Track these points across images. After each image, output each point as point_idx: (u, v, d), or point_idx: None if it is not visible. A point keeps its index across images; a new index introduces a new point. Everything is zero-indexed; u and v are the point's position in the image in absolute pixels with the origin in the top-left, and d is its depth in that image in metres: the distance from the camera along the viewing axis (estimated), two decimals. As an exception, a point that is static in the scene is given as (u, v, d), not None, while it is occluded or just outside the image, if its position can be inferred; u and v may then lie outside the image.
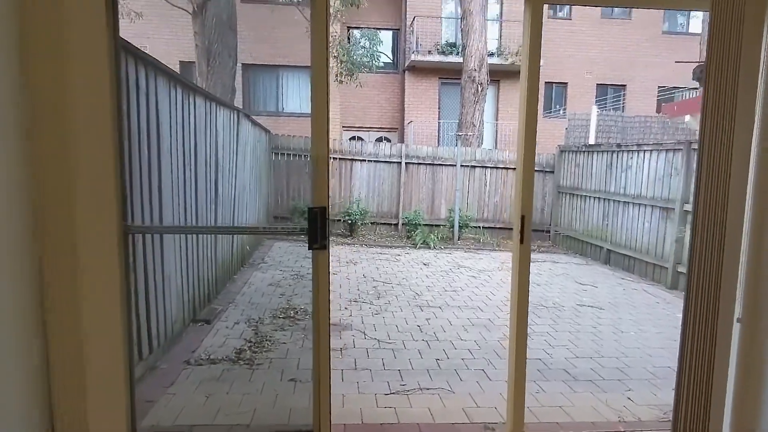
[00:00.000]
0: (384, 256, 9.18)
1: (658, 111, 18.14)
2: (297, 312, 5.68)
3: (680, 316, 5.44)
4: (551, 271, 8.53)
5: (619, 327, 5.61)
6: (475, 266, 8.64)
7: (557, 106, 18.78)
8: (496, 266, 8.72)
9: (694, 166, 7.24)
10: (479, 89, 12.21)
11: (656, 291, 7.44)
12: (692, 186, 7.40)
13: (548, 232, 11.78)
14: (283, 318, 5.48)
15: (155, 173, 3.97)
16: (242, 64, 16.31)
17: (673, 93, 18.78)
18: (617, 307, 6.47)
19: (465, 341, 4.98)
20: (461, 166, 11.03)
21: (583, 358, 4.63)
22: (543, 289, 7.20)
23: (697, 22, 19.07)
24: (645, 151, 8.49)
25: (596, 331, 5.41)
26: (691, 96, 18.16)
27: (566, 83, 18.52)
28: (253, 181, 8.43)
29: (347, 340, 4.84)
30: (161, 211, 4.11)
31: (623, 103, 18.45)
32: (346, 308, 5.91)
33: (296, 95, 16.86)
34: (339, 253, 9.22)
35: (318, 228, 2.58)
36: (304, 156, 11.15)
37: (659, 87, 18.69)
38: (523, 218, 2.75)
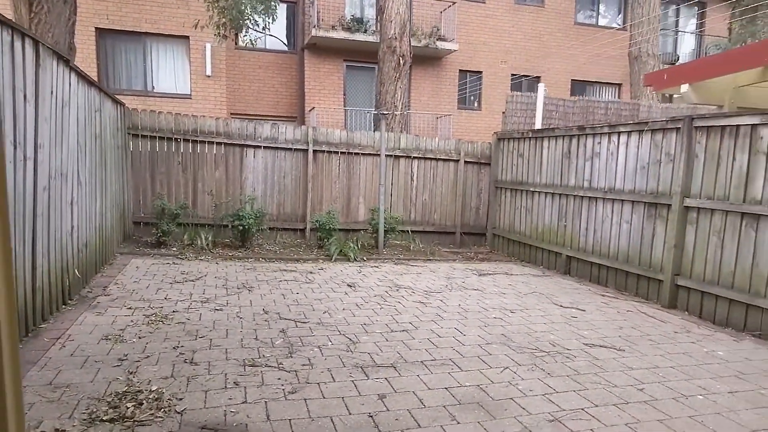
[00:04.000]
0: (291, 274, 6.65)
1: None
2: (141, 402, 3.04)
3: (721, 353, 3.49)
4: (513, 288, 6.55)
5: (670, 386, 3.65)
6: (416, 285, 6.41)
7: (472, 97, 17.31)
8: (443, 284, 6.56)
9: (698, 149, 5.62)
10: (401, 62, 10.05)
11: (656, 312, 5.71)
12: (699, 174, 5.80)
13: (485, 235, 9.94)
14: (109, 421, 2.83)
15: None
16: (97, 28, 12.81)
17: (586, 87, 18.14)
18: (634, 344, 4.56)
19: (464, 449, 2.70)
20: (385, 155, 8.77)
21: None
22: (524, 319, 5.14)
23: (604, 17, 18.63)
24: (621, 132, 6.81)
25: (652, 401, 3.39)
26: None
27: (481, 72, 17.09)
28: (88, 168, 5.51)
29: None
30: None
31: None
32: (236, 384, 3.35)
33: (170, 71, 13.62)
34: (226, 273, 6.54)
35: None
36: (176, 139, 8.24)
37: (572, 80, 17.93)
38: None
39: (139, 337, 4.08)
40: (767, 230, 4.96)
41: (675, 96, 6.53)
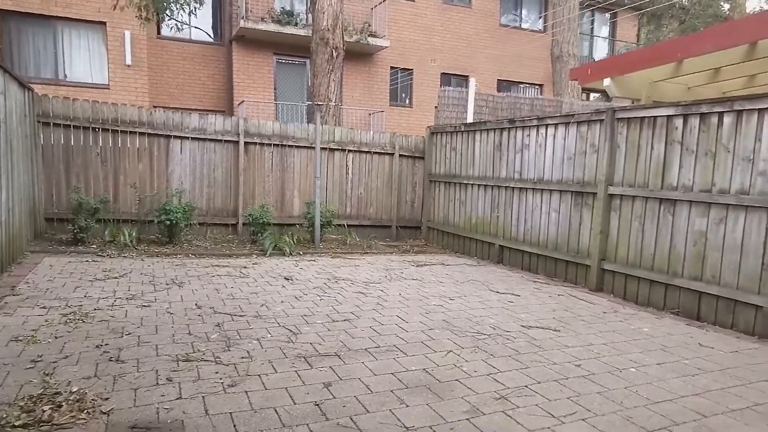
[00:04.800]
0: (224, 269, 6.36)
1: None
2: (60, 404, 2.75)
3: (646, 330, 3.76)
4: (451, 277, 6.64)
5: (604, 361, 3.81)
6: (355, 277, 6.33)
7: (403, 95, 17.47)
8: (382, 275, 6.53)
9: (620, 139, 5.93)
10: (334, 54, 9.92)
11: (585, 295, 5.97)
12: (621, 163, 6.12)
13: (420, 228, 10.02)
14: (22, 426, 2.54)
15: None
16: (0, 9, 11.71)
17: (511, 87, 18.79)
18: (568, 325, 4.74)
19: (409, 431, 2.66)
20: (320, 148, 8.61)
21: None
22: (463, 305, 5.20)
23: (526, 20, 19.40)
24: (549, 125, 7.08)
25: (590, 375, 3.51)
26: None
27: (412, 70, 17.27)
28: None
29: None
30: None
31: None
32: (169, 380, 3.13)
33: (85, 59, 12.70)
34: (153, 269, 6.15)
35: None
36: (95, 129, 7.66)
37: (499, 80, 18.52)
38: None
39: (56, 337, 3.72)
40: (683, 214, 5.32)
41: (592, 95, 6.87)
